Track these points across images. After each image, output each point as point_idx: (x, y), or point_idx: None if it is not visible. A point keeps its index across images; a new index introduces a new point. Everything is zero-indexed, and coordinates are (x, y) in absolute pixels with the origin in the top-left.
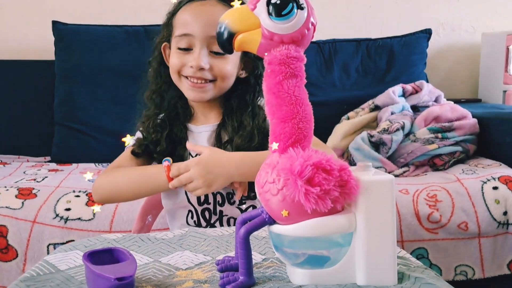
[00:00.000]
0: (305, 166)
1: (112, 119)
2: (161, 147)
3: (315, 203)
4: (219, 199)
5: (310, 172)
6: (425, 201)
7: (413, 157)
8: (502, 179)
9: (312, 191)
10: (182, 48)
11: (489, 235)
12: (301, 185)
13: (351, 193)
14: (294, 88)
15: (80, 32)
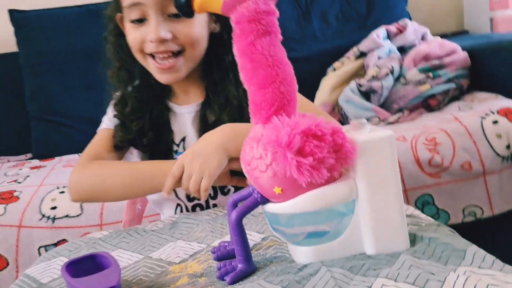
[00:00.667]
0: (293, 135)
1: (89, 106)
2: (147, 138)
3: (309, 175)
4: (210, 191)
5: (300, 142)
6: (424, 146)
7: (406, 101)
8: (501, 112)
9: (304, 162)
10: (135, 20)
11: (494, 172)
12: (291, 157)
13: (347, 157)
14: (268, 47)
15: (40, 17)
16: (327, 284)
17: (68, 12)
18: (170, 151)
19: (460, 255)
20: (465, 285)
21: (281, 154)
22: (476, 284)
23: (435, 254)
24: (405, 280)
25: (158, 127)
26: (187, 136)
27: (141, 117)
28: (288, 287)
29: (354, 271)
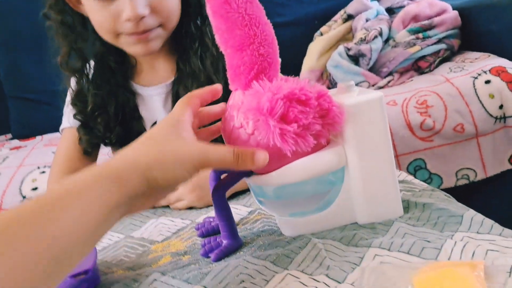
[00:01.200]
0: (275, 101)
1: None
2: (115, 134)
3: (294, 143)
4: None
5: (283, 107)
6: (415, 109)
7: (396, 64)
8: (493, 71)
9: (288, 129)
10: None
11: (487, 133)
12: (273, 125)
13: (335, 122)
14: (245, 4)
15: None
16: (317, 256)
17: None
18: None
19: (457, 220)
20: (463, 252)
21: (263, 122)
22: (474, 251)
23: (430, 220)
24: (399, 249)
25: (125, 117)
26: (157, 122)
27: (104, 111)
28: (276, 262)
29: (345, 241)
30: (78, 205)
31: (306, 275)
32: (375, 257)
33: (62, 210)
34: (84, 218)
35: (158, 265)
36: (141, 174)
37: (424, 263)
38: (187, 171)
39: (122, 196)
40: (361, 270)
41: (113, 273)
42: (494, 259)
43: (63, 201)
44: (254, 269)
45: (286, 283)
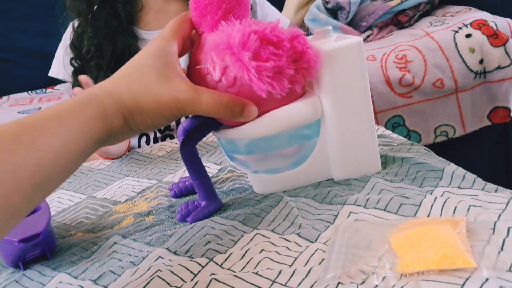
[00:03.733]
0: (248, 34)
1: (32, 38)
2: (104, 76)
3: (270, 85)
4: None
5: (257, 43)
6: (394, 64)
7: (375, 18)
8: (474, 24)
9: (265, 66)
10: None
11: (466, 88)
12: (249, 58)
13: (310, 67)
14: None
15: None
16: (289, 215)
17: None
18: None
19: (437, 175)
20: (443, 208)
21: (235, 58)
22: (456, 206)
23: (408, 175)
24: (375, 206)
25: (123, 61)
26: None
27: (100, 55)
28: (245, 221)
29: (319, 199)
30: (62, 133)
31: (276, 235)
32: (349, 215)
33: (46, 135)
34: (68, 148)
35: (120, 226)
36: (123, 115)
37: (402, 220)
38: (167, 119)
39: (104, 133)
40: (334, 228)
41: (71, 236)
42: (476, 215)
43: (48, 126)
44: (222, 230)
45: (255, 243)
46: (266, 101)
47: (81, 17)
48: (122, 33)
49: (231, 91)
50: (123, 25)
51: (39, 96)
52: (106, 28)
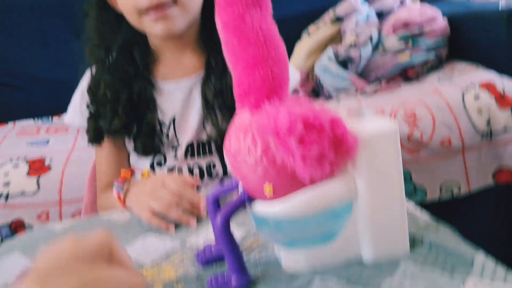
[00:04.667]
0: (294, 120)
1: (43, 66)
2: (121, 120)
3: (312, 171)
4: (196, 172)
5: (302, 128)
6: (403, 120)
7: (384, 71)
8: (482, 85)
9: (311, 153)
10: None
11: (473, 148)
12: (295, 145)
13: (349, 152)
14: (260, 22)
15: None
16: None
17: None
18: (154, 133)
19: (467, 263)
20: None
21: (280, 143)
22: None
23: (438, 261)
24: None
25: (138, 106)
26: (177, 116)
27: (116, 99)
28: None
29: (352, 280)
30: None
31: None
32: None
33: None
34: None
35: None
36: None
37: None
38: None
39: None
40: None
41: None
42: None
43: None
44: None
45: None
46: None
47: (99, 64)
48: (139, 79)
49: (271, 171)
50: (140, 72)
51: (45, 125)
52: (123, 74)
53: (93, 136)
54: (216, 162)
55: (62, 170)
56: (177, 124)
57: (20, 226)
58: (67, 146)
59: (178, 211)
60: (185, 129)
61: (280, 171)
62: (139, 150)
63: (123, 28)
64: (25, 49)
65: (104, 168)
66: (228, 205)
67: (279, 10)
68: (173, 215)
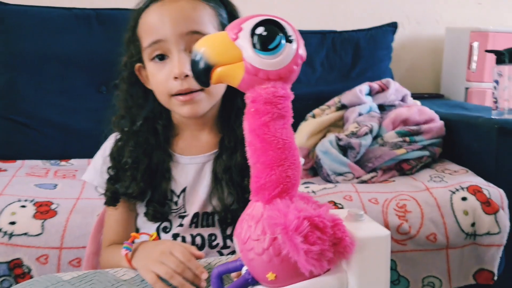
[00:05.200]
0: (301, 220)
1: (59, 111)
2: (138, 187)
3: (313, 266)
4: (198, 241)
5: (308, 228)
6: (394, 211)
7: (381, 162)
8: (470, 189)
9: (313, 250)
10: (156, 57)
11: (456, 246)
12: (301, 242)
13: (345, 252)
14: (281, 130)
15: (24, 14)
16: None
17: (54, 13)
18: (165, 201)
19: None
20: None
21: (287, 238)
22: None
23: None
24: None
25: (155, 175)
26: (187, 187)
27: (136, 167)
28: None
29: None
30: None
31: None
32: None
33: None
34: None
35: None
36: None
37: None
38: None
39: None
40: None
41: None
42: None
43: None
44: None
45: None
46: (303, 274)
47: (123, 133)
48: (159, 150)
49: (275, 260)
50: (160, 144)
51: (54, 168)
52: (145, 145)
53: (110, 198)
54: (217, 234)
55: (67, 217)
56: (187, 195)
57: (18, 266)
58: (74, 194)
59: (181, 279)
60: (193, 200)
61: (284, 261)
62: (149, 216)
63: (149, 103)
64: (45, 93)
65: (114, 225)
66: (233, 283)
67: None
68: (176, 282)
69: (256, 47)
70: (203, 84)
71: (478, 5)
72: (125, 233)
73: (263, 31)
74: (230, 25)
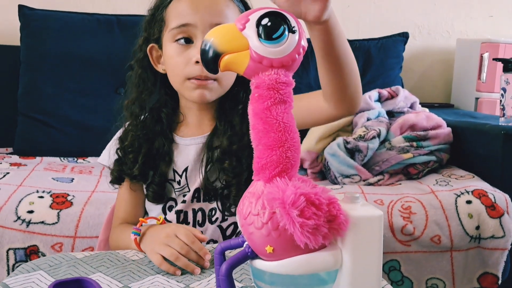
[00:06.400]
0: (298, 195)
1: (78, 111)
2: (138, 168)
3: (308, 238)
4: (199, 218)
5: (304, 203)
6: (399, 212)
7: (388, 166)
8: (475, 193)
9: (308, 223)
10: (181, 39)
11: (461, 249)
12: (296, 215)
13: (340, 229)
14: (283, 114)
15: (48, 18)
16: None
17: (77, 17)
18: (165, 183)
19: None
20: None
21: (284, 212)
22: None
23: None
24: None
25: (156, 158)
26: (189, 167)
27: (138, 150)
28: None
29: None
30: None
31: None
32: None
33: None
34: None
35: None
36: None
37: None
38: None
39: None
40: None
41: None
42: None
43: None
44: None
45: None
46: (299, 248)
47: (132, 118)
48: (161, 137)
49: (273, 233)
50: (164, 131)
51: (71, 165)
52: (148, 131)
53: (115, 178)
54: (217, 209)
55: (82, 208)
56: (188, 174)
57: (34, 252)
58: (89, 187)
59: (185, 260)
60: (195, 178)
61: (281, 235)
62: (149, 198)
63: (157, 90)
64: (65, 93)
65: (123, 204)
66: (233, 256)
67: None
68: (181, 263)
69: (261, 37)
70: (212, 71)
71: (489, 17)
72: (133, 212)
73: (268, 21)
74: (239, 17)
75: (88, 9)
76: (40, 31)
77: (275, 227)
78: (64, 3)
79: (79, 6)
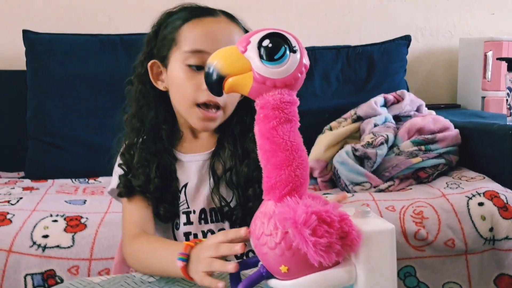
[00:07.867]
0: (310, 214)
1: (87, 132)
2: (153, 184)
3: (321, 257)
4: (212, 228)
5: (316, 222)
6: (411, 218)
7: (398, 171)
8: (487, 195)
9: (321, 242)
10: (194, 66)
11: (476, 252)
12: (309, 234)
13: (353, 245)
14: (289, 133)
15: (53, 41)
16: None
17: (81, 39)
18: (176, 199)
19: None
20: None
21: (296, 232)
22: None
23: None
24: None
25: (164, 176)
26: (188, 183)
27: (147, 166)
28: None
29: None
30: None
31: None
32: None
33: None
34: None
35: None
36: None
37: None
38: None
39: None
40: None
41: None
42: None
43: None
44: None
45: None
46: (313, 266)
47: (133, 132)
48: (165, 152)
49: (287, 253)
50: (166, 147)
51: (82, 186)
52: (153, 146)
53: (125, 191)
54: (226, 228)
55: (96, 230)
56: (188, 191)
57: (51, 276)
58: (102, 208)
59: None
60: (198, 197)
61: (295, 254)
62: (161, 217)
63: (158, 107)
64: (72, 114)
65: (135, 218)
66: (248, 277)
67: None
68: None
69: (263, 58)
70: (216, 93)
71: (491, 16)
72: (144, 227)
73: (269, 43)
74: (240, 40)
75: (91, 30)
76: (45, 55)
77: (288, 247)
78: (67, 25)
79: (82, 28)
